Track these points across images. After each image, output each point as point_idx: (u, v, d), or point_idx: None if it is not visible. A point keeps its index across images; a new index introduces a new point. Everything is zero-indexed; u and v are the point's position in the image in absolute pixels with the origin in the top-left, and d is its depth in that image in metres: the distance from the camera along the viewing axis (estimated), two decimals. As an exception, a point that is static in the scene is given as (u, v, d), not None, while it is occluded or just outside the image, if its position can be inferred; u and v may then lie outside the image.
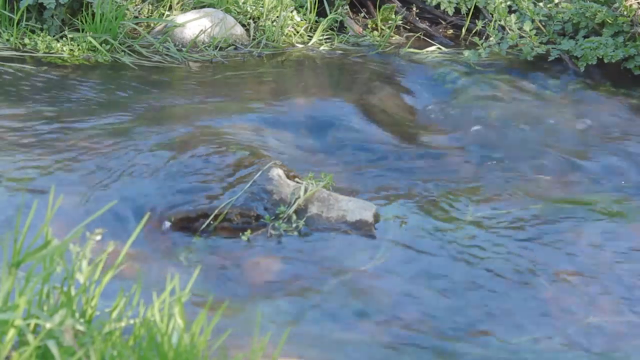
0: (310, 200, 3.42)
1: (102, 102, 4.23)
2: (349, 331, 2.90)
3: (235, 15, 5.05)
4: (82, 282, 2.14)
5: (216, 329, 2.27)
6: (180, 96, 4.36)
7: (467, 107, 4.42)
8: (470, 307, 3.04)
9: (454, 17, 5.31)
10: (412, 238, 3.39)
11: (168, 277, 2.18)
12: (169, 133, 3.88)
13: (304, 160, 3.87)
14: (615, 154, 4.11)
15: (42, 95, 4.25)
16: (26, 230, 2.14)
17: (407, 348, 2.84)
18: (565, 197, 3.73)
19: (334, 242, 3.33)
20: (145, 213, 3.24)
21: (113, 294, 2.23)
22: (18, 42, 4.70)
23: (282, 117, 4.16)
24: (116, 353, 2.02)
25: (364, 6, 5.41)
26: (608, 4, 4.80)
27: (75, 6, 4.81)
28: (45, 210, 2.17)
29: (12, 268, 2.06)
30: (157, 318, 2.10)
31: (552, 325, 2.98)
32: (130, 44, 4.78)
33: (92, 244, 2.15)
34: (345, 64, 4.84)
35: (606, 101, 4.51)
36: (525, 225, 3.50)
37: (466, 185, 3.80)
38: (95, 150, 3.75)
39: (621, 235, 3.48)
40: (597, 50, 4.62)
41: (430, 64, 4.81)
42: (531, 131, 4.25)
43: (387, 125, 4.24)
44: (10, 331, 1.96)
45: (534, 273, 3.22)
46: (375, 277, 3.17)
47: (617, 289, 3.17)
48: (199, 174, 3.53)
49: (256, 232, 3.34)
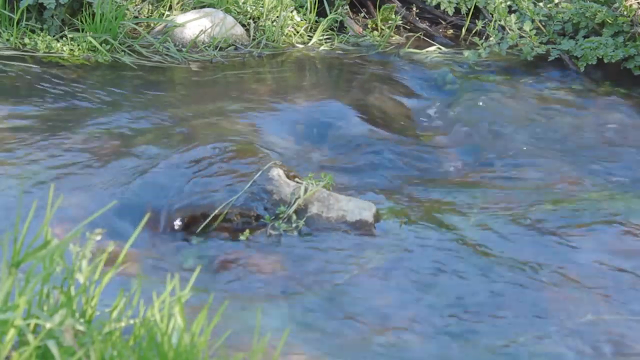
0: (310, 200, 3.42)
1: (102, 102, 4.23)
2: (349, 331, 2.90)
3: (235, 15, 5.05)
4: (82, 282, 2.14)
5: (216, 329, 2.27)
6: (180, 96, 4.36)
7: (467, 107, 4.42)
8: (471, 307, 3.04)
9: (454, 17, 5.31)
10: (412, 238, 3.39)
11: (168, 277, 2.18)
12: (169, 133, 3.88)
13: (304, 160, 3.87)
14: (616, 154, 4.11)
15: (42, 95, 4.25)
16: (26, 230, 2.14)
17: (407, 348, 2.84)
18: (565, 197, 3.73)
19: (334, 242, 3.33)
20: (145, 213, 3.24)
21: (113, 294, 2.23)
22: (18, 42, 4.70)
23: (282, 117, 4.16)
24: (116, 353, 2.03)
25: (364, 6, 5.41)
26: (608, 4, 4.80)
27: (75, 6, 4.81)
28: (45, 210, 2.17)
29: (12, 268, 2.06)
30: (157, 318, 2.10)
31: (553, 324, 2.98)
32: (130, 44, 4.78)
33: (92, 244, 2.14)
34: (345, 64, 4.84)
35: (606, 101, 4.51)
36: (526, 225, 3.50)
37: (466, 185, 3.80)
38: (95, 150, 3.75)
39: (622, 235, 3.48)
40: (597, 50, 4.62)
41: (430, 64, 4.81)
42: (531, 131, 4.25)
43: (387, 125, 4.24)
44: (10, 331, 1.96)
45: (535, 272, 3.22)
46: (376, 277, 3.17)
47: (620, 289, 3.17)
48: (199, 174, 3.53)
49: (256, 232, 3.34)
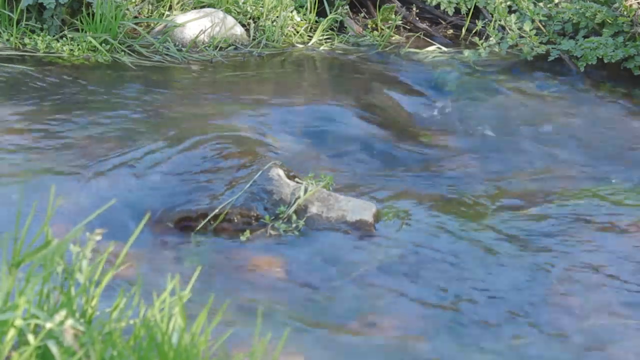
0: (310, 200, 3.42)
1: (102, 102, 4.23)
2: (349, 331, 2.90)
3: (235, 15, 5.05)
4: (82, 282, 2.13)
5: (216, 329, 2.27)
6: (180, 96, 4.36)
7: (467, 107, 4.43)
8: (471, 307, 3.04)
9: (454, 17, 5.31)
10: (413, 238, 3.39)
11: (168, 277, 2.18)
12: (169, 133, 3.88)
13: (304, 160, 3.87)
14: (616, 154, 4.11)
15: (42, 95, 4.25)
16: (26, 230, 2.14)
17: (407, 348, 2.84)
18: (565, 197, 3.73)
19: (334, 242, 3.33)
20: (145, 213, 3.24)
21: (113, 294, 2.23)
22: (18, 42, 4.70)
23: (282, 117, 4.16)
24: (116, 353, 2.02)
25: (364, 6, 5.41)
26: (608, 4, 4.80)
27: (75, 6, 4.81)
28: (45, 210, 2.17)
29: (12, 268, 2.05)
30: (157, 318, 2.10)
31: (555, 324, 2.98)
32: (130, 44, 4.78)
33: (92, 244, 2.14)
34: (345, 64, 4.84)
35: (606, 101, 4.51)
36: (526, 225, 3.50)
37: (466, 185, 3.80)
38: (95, 151, 3.75)
39: (623, 234, 3.48)
40: (597, 50, 4.62)
41: (430, 63, 4.82)
42: (531, 131, 4.25)
43: (386, 125, 4.24)
44: (10, 331, 1.96)
45: (537, 270, 3.22)
46: (376, 277, 3.17)
47: (628, 289, 3.17)
48: (199, 173, 3.53)
49: (256, 232, 3.34)
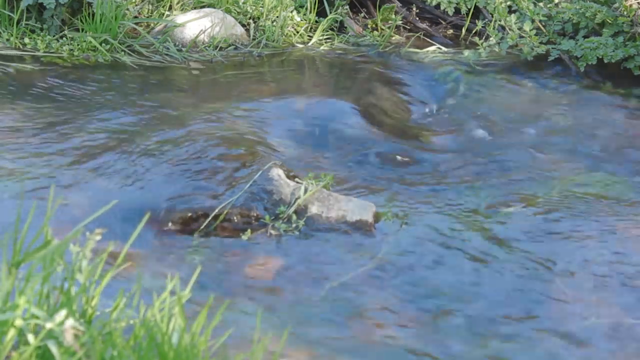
0: (310, 200, 3.42)
1: (102, 102, 4.23)
2: (349, 331, 2.90)
3: (235, 15, 5.05)
4: (82, 282, 2.13)
5: (216, 329, 2.27)
6: (180, 96, 4.36)
7: (467, 106, 4.43)
8: (472, 307, 3.04)
9: (454, 17, 5.31)
10: (412, 238, 3.39)
11: (168, 277, 2.18)
12: (169, 133, 3.88)
13: (304, 160, 3.87)
14: (616, 154, 4.11)
15: (42, 95, 4.25)
16: (26, 230, 2.14)
17: (407, 348, 2.84)
18: (565, 197, 3.73)
19: (334, 242, 3.33)
20: (145, 213, 3.23)
21: (113, 294, 2.23)
22: (18, 41, 4.70)
23: (282, 117, 4.16)
24: (116, 353, 2.02)
25: (364, 6, 5.41)
26: (608, 4, 4.80)
27: (75, 6, 4.81)
28: (45, 210, 2.17)
29: (12, 268, 2.05)
30: (157, 318, 2.10)
31: (555, 324, 2.98)
32: (130, 44, 4.78)
33: (92, 244, 2.14)
34: (345, 64, 4.84)
35: (606, 101, 4.51)
36: (526, 225, 3.50)
37: (466, 185, 3.80)
38: (95, 151, 3.75)
39: (624, 234, 3.48)
40: (597, 50, 4.62)
41: (430, 63, 4.82)
42: (531, 131, 4.25)
43: (387, 125, 4.24)
44: (10, 331, 1.96)
45: (537, 271, 3.22)
46: (376, 277, 3.17)
47: (628, 289, 3.17)
48: (199, 173, 3.53)
49: (256, 232, 3.34)
